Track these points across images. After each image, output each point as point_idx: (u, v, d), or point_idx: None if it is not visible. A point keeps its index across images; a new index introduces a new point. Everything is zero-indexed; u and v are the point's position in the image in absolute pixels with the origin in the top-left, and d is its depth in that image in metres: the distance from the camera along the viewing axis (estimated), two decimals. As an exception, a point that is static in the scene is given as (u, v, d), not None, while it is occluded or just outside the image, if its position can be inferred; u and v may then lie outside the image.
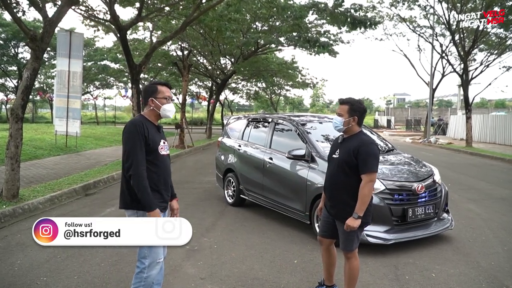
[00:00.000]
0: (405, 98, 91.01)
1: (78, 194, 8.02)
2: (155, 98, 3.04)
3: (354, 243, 3.28)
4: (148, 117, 3.07)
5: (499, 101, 59.47)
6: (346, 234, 3.24)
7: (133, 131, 2.91)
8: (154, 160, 2.98)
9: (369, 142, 3.25)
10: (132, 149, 2.89)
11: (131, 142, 2.90)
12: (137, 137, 2.90)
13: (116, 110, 45.49)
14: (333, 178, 3.34)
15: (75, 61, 13.86)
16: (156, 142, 3.00)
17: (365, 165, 3.15)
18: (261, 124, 6.97)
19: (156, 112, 3.06)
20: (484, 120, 24.75)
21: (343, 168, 3.24)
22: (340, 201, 3.28)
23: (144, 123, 2.97)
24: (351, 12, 13.96)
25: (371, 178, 3.15)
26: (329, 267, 3.57)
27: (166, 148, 3.13)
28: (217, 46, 20.57)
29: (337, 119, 3.32)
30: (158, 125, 3.13)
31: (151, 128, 3.01)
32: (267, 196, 6.19)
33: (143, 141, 2.92)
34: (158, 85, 3.11)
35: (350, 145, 3.25)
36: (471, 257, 4.68)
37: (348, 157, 3.21)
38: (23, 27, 6.75)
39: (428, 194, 5.04)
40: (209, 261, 4.45)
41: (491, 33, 21.24)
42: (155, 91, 3.06)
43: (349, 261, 3.32)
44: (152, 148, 2.97)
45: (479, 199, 7.92)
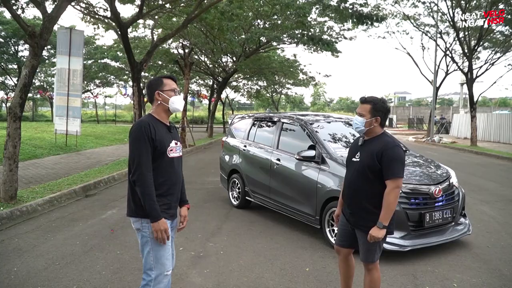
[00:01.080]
0: (405, 96, 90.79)
1: (78, 195, 7.79)
2: (161, 91, 2.78)
3: (376, 254, 3.02)
4: (157, 116, 2.80)
5: (501, 99, 59.20)
6: (367, 245, 2.98)
7: (139, 133, 2.66)
8: (162, 164, 2.72)
9: (394, 144, 2.97)
10: (137, 153, 2.64)
11: (137, 145, 2.65)
12: (143, 139, 2.65)
13: (116, 109, 45.19)
14: (354, 184, 3.06)
15: (76, 59, 13.64)
16: (164, 144, 2.73)
17: (390, 170, 2.87)
18: (268, 123, 6.72)
19: (165, 106, 2.79)
20: (488, 119, 24.50)
21: (364, 173, 2.97)
22: (362, 209, 3.01)
23: (151, 124, 2.70)
24: (357, 8, 13.70)
25: (397, 184, 2.88)
26: (347, 279, 3.31)
27: (178, 149, 2.86)
28: (218, 44, 20.32)
29: (357, 119, 3.04)
30: (170, 124, 2.86)
31: (160, 128, 2.74)
32: (274, 199, 5.95)
33: (150, 143, 2.66)
34: (163, 78, 2.86)
35: (373, 148, 2.97)
36: (492, 265, 4.44)
37: (371, 161, 2.94)
38: (21, 23, 6.51)
39: (445, 197, 4.80)
40: (216, 268, 4.21)
41: (496, 31, 20.99)
42: (160, 83, 2.81)
43: (370, 272, 3.07)
44: (160, 151, 2.70)
45: (492, 200, 7.68)
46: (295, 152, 5.58)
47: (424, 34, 23.47)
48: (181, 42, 19.85)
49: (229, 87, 34.80)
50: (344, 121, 6.47)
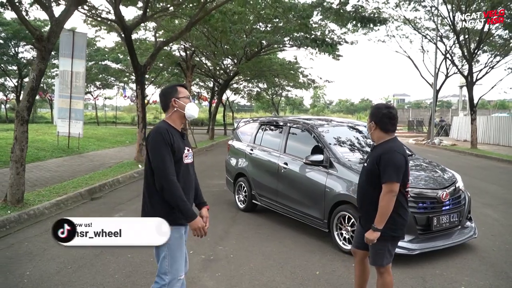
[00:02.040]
0: (404, 98, 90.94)
1: (84, 198, 7.83)
2: (177, 99, 2.84)
3: (385, 258, 3.08)
4: (172, 123, 2.85)
5: (499, 101, 59.35)
6: (375, 248, 3.05)
7: (159, 140, 2.71)
8: (178, 170, 2.78)
9: (392, 149, 3.01)
10: (160, 159, 2.70)
11: (158, 152, 2.71)
12: (164, 145, 2.71)
13: (116, 110, 45.20)
14: (361, 188, 3.19)
15: (78, 61, 13.68)
16: (181, 151, 2.79)
17: (385, 174, 2.93)
18: (274, 127, 6.77)
19: (180, 113, 2.85)
20: (487, 121, 24.60)
21: (368, 178, 3.08)
22: (367, 212, 3.11)
23: (169, 130, 2.76)
24: (358, 11, 13.79)
25: (390, 188, 2.92)
26: (361, 283, 3.37)
27: (191, 155, 2.92)
28: (220, 46, 20.39)
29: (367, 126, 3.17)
30: (182, 131, 2.91)
31: (176, 135, 2.80)
32: (281, 202, 6.00)
33: (170, 149, 2.72)
34: (177, 86, 2.92)
35: (376, 153, 3.07)
36: (498, 268, 4.50)
37: (372, 166, 3.04)
38: (29, 27, 6.55)
39: (452, 202, 4.86)
40: (227, 272, 4.26)
41: (496, 35, 21.11)
42: (176, 91, 2.87)
43: (382, 276, 3.13)
44: (177, 157, 2.76)
45: (495, 204, 7.75)
46: (303, 156, 5.64)
47: (424, 38, 23.58)
48: (182, 44, 19.94)
49: (230, 89, 34.86)
50: (348, 125, 6.53)
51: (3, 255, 4.71)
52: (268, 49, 22.33)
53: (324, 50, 15.66)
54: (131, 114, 52.89)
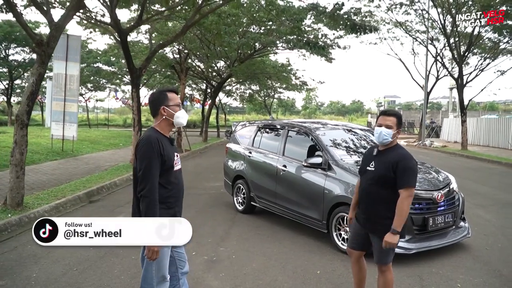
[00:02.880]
0: (395, 100, 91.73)
1: (82, 201, 7.87)
2: (167, 106, 2.85)
3: (389, 256, 3.23)
4: (161, 130, 2.88)
5: (488, 103, 60.20)
6: (381, 247, 3.17)
7: (149, 150, 2.75)
8: (170, 178, 2.85)
9: (409, 156, 3.18)
10: (147, 171, 2.74)
11: (147, 162, 2.75)
12: (154, 156, 2.74)
13: (108, 113, 45.01)
14: (370, 192, 3.25)
15: (73, 64, 13.67)
16: (171, 159, 2.84)
17: (404, 180, 3.07)
18: (273, 131, 6.90)
19: (169, 121, 2.87)
20: (477, 123, 25.00)
21: (380, 182, 3.17)
22: (377, 215, 3.21)
23: (159, 139, 2.80)
24: (351, 16, 13.99)
25: (410, 193, 3.08)
26: (359, 282, 3.51)
27: (179, 161, 2.98)
28: (213, 48, 20.49)
29: (387, 131, 3.17)
30: (170, 137, 2.95)
31: (165, 143, 2.85)
32: (280, 204, 6.13)
33: (159, 159, 2.77)
34: (167, 92, 2.92)
35: (389, 158, 3.16)
36: (491, 266, 4.67)
37: (387, 171, 3.14)
38: (29, 31, 6.61)
39: (446, 202, 5.03)
40: (231, 272, 4.37)
41: (486, 38, 21.50)
42: (165, 98, 2.87)
43: (383, 274, 3.27)
44: (168, 165, 2.82)
45: (487, 204, 7.96)
46: (301, 158, 5.78)
47: (415, 40, 23.93)
48: (176, 47, 20.00)
49: (222, 91, 34.96)
50: (343, 128, 6.68)
51: (7, 258, 4.76)
52: (261, 52, 22.49)
53: (317, 52, 15.84)
54: (123, 116, 52.75)
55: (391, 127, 3.19)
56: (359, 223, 3.39)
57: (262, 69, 24.69)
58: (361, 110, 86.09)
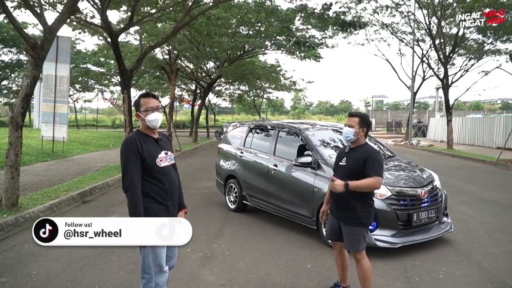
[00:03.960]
0: (383, 100, 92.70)
1: (76, 201, 7.98)
2: (139, 112, 3.09)
3: (361, 244, 3.53)
4: (144, 131, 3.12)
5: (474, 103, 61.28)
6: (351, 235, 3.53)
7: (126, 149, 2.99)
8: (155, 174, 3.05)
9: (375, 151, 3.65)
10: (126, 168, 2.97)
11: (125, 161, 2.98)
12: (130, 155, 2.97)
13: (97, 113, 44.76)
14: None
15: (62, 65, 13.71)
16: (152, 156, 3.04)
17: (373, 170, 3.45)
18: (264, 131, 7.10)
19: (145, 124, 3.10)
20: (463, 122, 25.52)
21: (350, 175, 3.51)
22: (346, 204, 3.55)
23: (137, 139, 3.03)
24: (340, 16, 14.26)
25: (377, 180, 3.44)
26: (342, 270, 3.82)
27: (169, 158, 3.16)
28: (203, 49, 20.62)
29: (348, 130, 3.59)
30: (158, 136, 3.15)
31: (147, 142, 3.06)
32: (271, 202, 6.33)
33: (138, 157, 2.98)
34: (140, 98, 3.15)
35: (359, 155, 3.56)
36: (472, 258, 4.93)
37: (356, 166, 3.51)
38: (24, 35, 6.71)
39: (430, 199, 5.29)
40: (225, 267, 4.56)
41: (470, 39, 21.99)
42: (138, 104, 3.12)
43: (359, 262, 3.56)
44: (150, 163, 3.02)
45: (471, 201, 8.26)
46: (291, 158, 6.00)
47: (401, 42, 24.34)
48: (166, 48, 20.08)
49: (212, 92, 35.08)
50: (331, 128, 6.91)
51: (6, 257, 4.88)
52: (250, 53, 22.68)
53: (306, 52, 16.06)
54: (111, 117, 52.45)
55: (353, 126, 3.60)
56: (333, 215, 3.73)
57: (251, 70, 24.89)
58: (349, 110, 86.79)
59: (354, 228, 3.53)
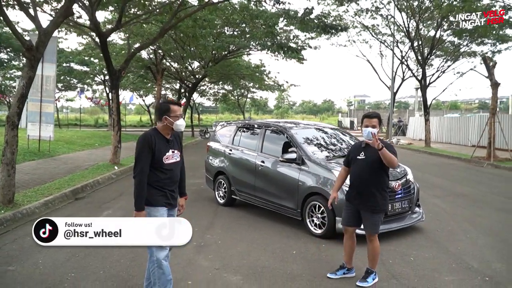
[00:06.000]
0: (365, 99, 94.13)
1: (69, 198, 8.24)
2: (168, 116, 3.53)
3: (377, 227, 4.14)
4: (161, 131, 3.59)
5: (452, 103, 62.97)
6: (371, 220, 4.07)
7: (143, 142, 3.48)
8: (161, 168, 3.52)
9: (391, 144, 4.25)
10: (138, 158, 3.46)
11: (139, 152, 3.47)
12: (145, 148, 3.44)
13: (80, 113, 44.40)
14: (363, 176, 4.11)
15: (49, 65, 13.80)
16: (161, 153, 3.51)
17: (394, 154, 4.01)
18: (251, 130, 7.52)
19: (169, 127, 3.56)
20: (440, 121, 26.46)
21: (372, 167, 4.01)
22: (369, 193, 4.06)
23: (153, 136, 3.51)
24: (322, 19, 14.77)
25: (396, 159, 4.03)
26: (350, 252, 4.35)
27: (176, 156, 3.64)
28: (188, 50, 20.90)
29: (372, 130, 4.01)
30: (170, 137, 3.62)
31: (160, 140, 3.53)
32: (259, 196, 6.77)
33: (150, 151, 3.44)
34: (170, 104, 3.62)
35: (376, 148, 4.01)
36: (441, 244, 5.47)
37: (377, 157, 3.97)
38: (19, 37, 6.98)
39: (403, 191, 5.80)
40: (218, 254, 4.98)
41: (447, 41, 22.85)
42: (168, 109, 3.55)
43: (372, 242, 4.14)
44: (157, 158, 3.49)
45: (443, 195, 8.87)
46: (277, 154, 6.46)
47: (382, 44, 25.10)
48: (151, 48, 20.30)
49: (196, 91, 35.34)
50: (314, 127, 7.40)
51: (10, 248, 5.18)
52: (235, 53, 23.06)
53: (290, 55, 16.54)
54: (94, 116, 52.05)
55: (375, 126, 4.09)
56: (352, 203, 4.22)
57: (236, 70, 25.28)
58: (332, 109, 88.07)
59: (374, 215, 4.09)
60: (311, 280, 4.26)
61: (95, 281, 4.20)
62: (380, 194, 4.08)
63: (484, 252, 5.19)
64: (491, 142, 14.96)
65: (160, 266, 3.43)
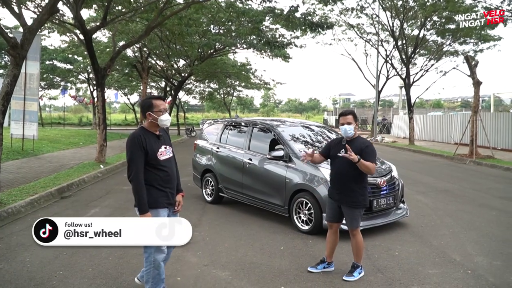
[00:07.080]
0: (350, 98, 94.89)
1: (55, 197, 8.18)
2: (152, 112, 3.51)
3: (358, 221, 4.24)
4: (148, 128, 3.56)
5: (435, 101, 63.99)
6: (352, 215, 4.17)
7: (132, 143, 3.42)
8: (156, 165, 3.50)
9: (371, 143, 4.30)
10: (131, 159, 3.40)
11: (130, 153, 3.41)
12: (135, 148, 3.39)
13: (64, 111, 43.81)
14: (342, 172, 4.20)
15: (32, 63, 13.62)
16: (154, 150, 3.48)
17: (371, 158, 4.10)
18: (239, 128, 7.57)
19: (155, 123, 3.53)
20: (424, 120, 26.89)
21: (351, 163, 4.05)
22: (348, 189, 4.17)
23: (142, 135, 3.46)
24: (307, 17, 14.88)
25: (374, 166, 4.13)
26: (333, 246, 4.44)
27: (168, 152, 3.63)
28: (174, 48, 20.83)
29: (349, 127, 4.16)
30: (159, 133, 3.59)
31: (150, 138, 3.50)
32: (246, 193, 6.82)
33: (142, 151, 3.40)
34: (152, 99, 3.59)
35: (357, 145, 4.14)
36: (424, 239, 5.62)
37: (357, 154, 4.03)
38: (4, 35, 6.89)
39: (388, 187, 5.93)
40: (207, 251, 5.02)
41: (430, 40, 23.23)
42: (151, 105, 3.52)
43: (354, 237, 4.25)
44: (151, 156, 3.46)
45: (426, 191, 9.06)
46: (265, 152, 6.53)
47: (367, 42, 25.37)
48: (137, 46, 20.17)
49: (182, 90, 35.19)
50: (301, 124, 7.49)
51: (-4, 247, 5.14)
52: (221, 51, 23.06)
53: (276, 54, 16.64)
54: (77, 114, 51.36)
55: (351, 123, 4.18)
56: (333, 199, 4.31)
57: (222, 68, 25.27)
58: (317, 107, 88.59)
59: (354, 209, 4.19)
60: (298, 275, 4.34)
61: (83, 278, 4.20)
62: (360, 189, 4.19)
63: (466, 246, 5.34)
64: (473, 140, 15.29)
65: (157, 267, 3.46)
